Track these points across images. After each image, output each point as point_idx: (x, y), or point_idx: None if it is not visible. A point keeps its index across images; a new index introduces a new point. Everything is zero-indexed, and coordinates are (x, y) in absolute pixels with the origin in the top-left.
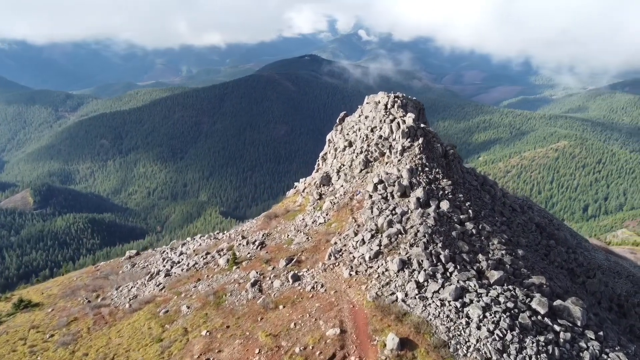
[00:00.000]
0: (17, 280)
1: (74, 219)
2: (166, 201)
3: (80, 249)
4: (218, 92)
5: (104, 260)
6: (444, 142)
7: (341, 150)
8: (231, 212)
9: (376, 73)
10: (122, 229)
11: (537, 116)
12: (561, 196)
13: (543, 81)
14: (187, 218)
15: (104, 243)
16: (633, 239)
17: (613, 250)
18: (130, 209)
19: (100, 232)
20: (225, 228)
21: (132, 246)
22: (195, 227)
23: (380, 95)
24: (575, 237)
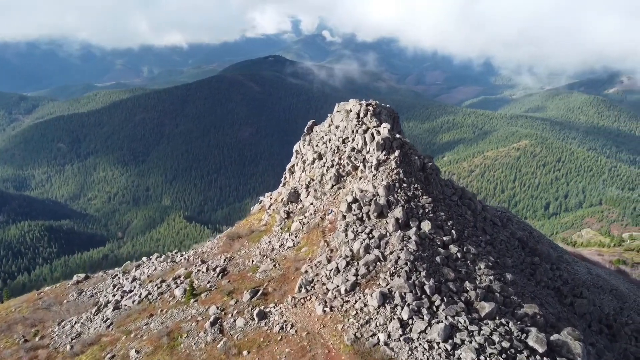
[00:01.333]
0: None
1: (29, 226)
2: (128, 206)
3: (36, 259)
4: (180, 93)
5: (61, 269)
6: (421, 154)
7: (310, 163)
8: (196, 216)
9: (341, 74)
10: (81, 237)
11: (499, 116)
12: (523, 194)
13: (503, 81)
14: (149, 223)
15: (62, 251)
16: (598, 239)
17: (583, 254)
18: (90, 215)
19: (58, 240)
20: (190, 234)
21: (92, 254)
22: (158, 232)
23: (352, 103)
24: (555, 249)
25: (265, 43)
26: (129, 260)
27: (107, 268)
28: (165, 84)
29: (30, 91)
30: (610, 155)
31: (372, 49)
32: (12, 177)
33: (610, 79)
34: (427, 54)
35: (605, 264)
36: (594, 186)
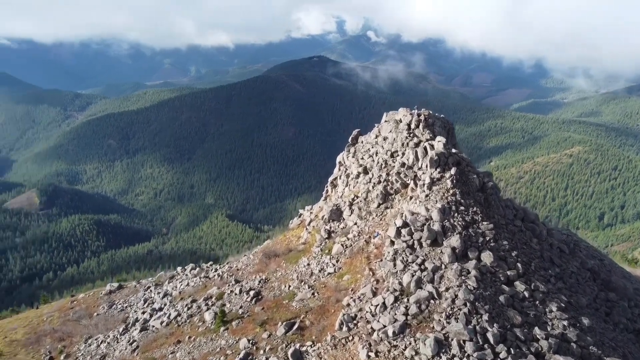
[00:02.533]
0: (21, 283)
1: (79, 220)
2: (172, 203)
3: (85, 251)
4: (225, 93)
5: (108, 263)
6: (479, 172)
7: (354, 177)
8: (238, 215)
9: (386, 75)
10: (127, 231)
11: (550, 120)
12: (576, 203)
13: (554, 84)
14: (193, 221)
15: (109, 245)
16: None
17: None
18: (136, 210)
19: (106, 234)
20: (231, 232)
21: (137, 249)
22: (201, 230)
23: (402, 112)
24: (629, 279)
25: (310, 43)
26: (163, 271)
27: (151, 264)
28: (211, 83)
29: (83, 89)
30: None
31: (417, 50)
32: (66, 171)
33: None
34: (475, 55)
35: None
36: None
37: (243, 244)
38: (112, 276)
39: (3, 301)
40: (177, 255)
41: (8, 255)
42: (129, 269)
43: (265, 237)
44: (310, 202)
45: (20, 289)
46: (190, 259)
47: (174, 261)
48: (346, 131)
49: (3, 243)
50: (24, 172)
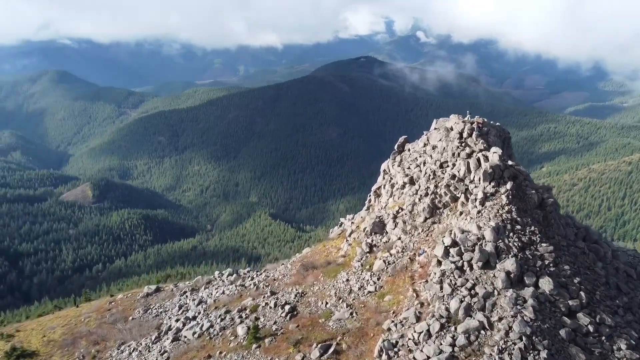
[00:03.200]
0: (72, 273)
1: (128, 214)
2: (218, 199)
3: (133, 245)
4: (272, 92)
5: (154, 257)
6: (538, 187)
7: (399, 188)
8: (280, 214)
9: (434, 76)
10: (173, 227)
11: (608, 125)
12: (634, 214)
13: (613, 87)
14: (237, 218)
15: (156, 240)
16: None
17: None
18: (182, 206)
19: (153, 228)
20: (274, 231)
21: (182, 244)
22: (244, 227)
23: (453, 119)
24: None
25: (358, 44)
26: (201, 275)
27: (195, 260)
28: (259, 83)
29: (137, 87)
30: None
31: (468, 51)
32: (118, 166)
33: None
34: (529, 57)
35: None
36: None
37: (285, 243)
38: (157, 270)
39: (55, 290)
40: (220, 252)
41: (62, 246)
42: (173, 264)
43: (307, 237)
44: (353, 203)
45: (71, 279)
46: (232, 256)
47: (217, 258)
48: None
49: (58, 234)
50: (79, 166)
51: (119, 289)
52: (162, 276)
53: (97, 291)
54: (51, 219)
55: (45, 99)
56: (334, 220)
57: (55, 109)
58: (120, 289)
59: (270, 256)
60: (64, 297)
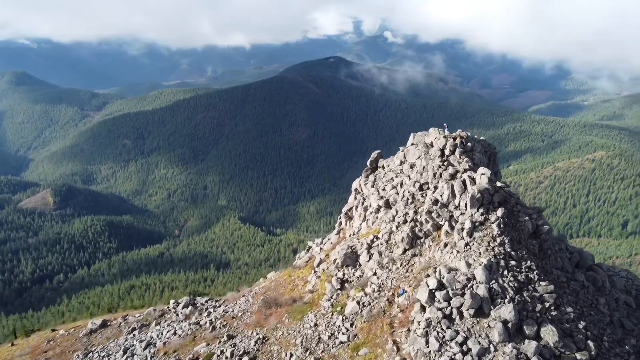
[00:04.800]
0: (31, 285)
1: (91, 221)
2: (185, 204)
3: (96, 253)
4: (241, 93)
5: (119, 265)
6: (531, 211)
7: (374, 212)
8: (250, 217)
9: (402, 76)
10: (139, 233)
11: (571, 124)
12: (598, 210)
13: (574, 86)
14: (205, 223)
15: (121, 247)
16: None
17: None
18: (149, 211)
19: (118, 235)
20: (243, 235)
21: (148, 251)
22: (213, 232)
23: (433, 134)
24: None
25: (327, 44)
26: (152, 307)
27: (162, 267)
28: (227, 83)
29: (101, 88)
30: None
31: (435, 51)
32: (81, 171)
33: None
34: (495, 56)
35: None
36: None
37: (255, 247)
38: (122, 279)
39: (13, 303)
40: (188, 258)
41: (20, 256)
42: (139, 273)
43: (277, 240)
44: (324, 205)
45: (30, 290)
46: (201, 262)
47: (185, 264)
48: (361, 133)
49: (16, 243)
50: (40, 171)
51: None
52: (114, 302)
53: (55, 305)
54: (9, 227)
55: (3, 102)
56: (304, 222)
57: (14, 112)
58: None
59: (239, 261)
60: (22, 311)
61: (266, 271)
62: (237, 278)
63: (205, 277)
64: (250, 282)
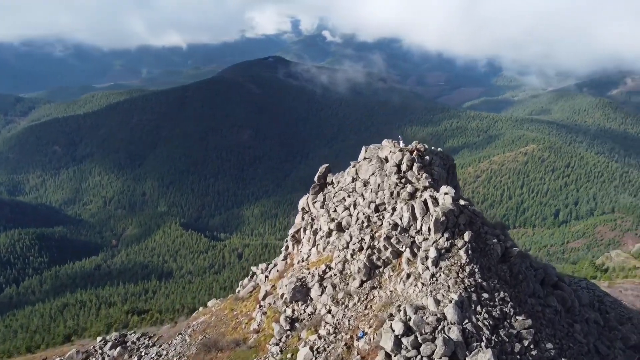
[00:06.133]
0: None
1: (19, 234)
2: (123, 212)
3: (26, 269)
4: (178, 95)
5: (51, 281)
6: (497, 231)
7: (325, 236)
8: (193, 222)
9: (342, 75)
10: (74, 245)
11: (503, 119)
12: (532, 201)
13: (505, 82)
14: (145, 231)
15: (54, 261)
16: (632, 264)
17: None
18: (84, 221)
19: (50, 249)
20: (186, 242)
21: (84, 264)
22: (153, 240)
23: (387, 147)
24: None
25: (265, 43)
26: (76, 348)
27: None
28: (164, 85)
29: (26, 92)
30: (619, 160)
31: (373, 50)
32: (6, 181)
33: (614, 80)
34: (431, 55)
35: None
36: (605, 193)
37: (198, 254)
38: (54, 296)
39: None
40: (127, 269)
41: None
42: (74, 288)
43: (222, 245)
44: (269, 207)
45: None
46: (141, 273)
47: (124, 276)
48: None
49: None
50: None
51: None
52: (45, 324)
53: None
54: None
55: None
56: (249, 225)
57: None
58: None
59: (182, 270)
60: None
61: (211, 279)
62: (180, 288)
63: (146, 288)
64: (194, 291)
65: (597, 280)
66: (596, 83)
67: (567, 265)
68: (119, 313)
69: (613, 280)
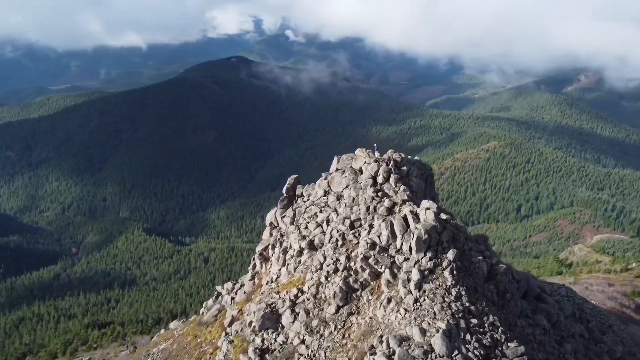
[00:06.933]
0: None
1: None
2: (83, 218)
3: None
4: (139, 96)
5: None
6: (482, 247)
7: (295, 255)
8: (157, 227)
9: (305, 74)
10: (31, 254)
11: (465, 116)
12: (495, 197)
13: (465, 80)
14: (106, 238)
15: (9, 272)
16: (594, 258)
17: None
18: (41, 228)
19: (4, 259)
20: (150, 248)
21: (42, 274)
22: (115, 247)
23: (361, 157)
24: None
25: (228, 43)
26: None
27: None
28: (123, 86)
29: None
30: (576, 155)
31: (337, 49)
32: None
33: (569, 77)
34: (394, 54)
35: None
36: (564, 187)
37: (163, 260)
38: (10, 310)
39: None
40: (88, 278)
41: None
42: (31, 300)
43: (187, 250)
44: (234, 209)
45: None
46: (103, 281)
47: (85, 285)
48: (268, 133)
49: None
50: None
51: None
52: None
53: None
54: None
55: None
56: (214, 228)
57: None
58: None
59: (147, 276)
60: None
61: (176, 285)
62: (144, 296)
63: (108, 297)
64: (159, 298)
65: (563, 276)
66: (553, 80)
67: (531, 260)
68: (78, 327)
69: (578, 275)
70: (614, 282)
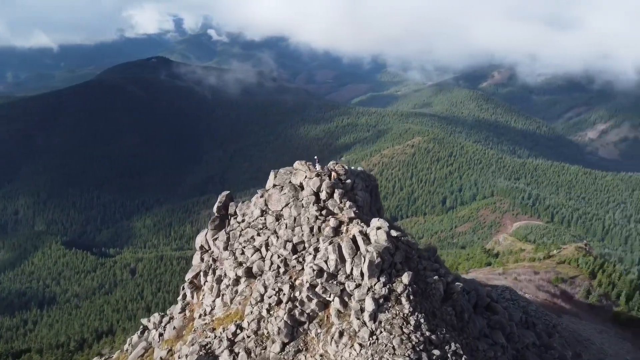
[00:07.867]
0: None
1: None
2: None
3: None
4: (52, 100)
5: None
6: (435, 264)
7: (231, 285)
8: (77, 239)
9: (230, 74)
10: None
11: (390, 113)
12: (421, 191)
13: (388, 78)
14: (20, 254)
15: None
16: (517, 246)
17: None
18: None
19: None
20: (70, 263)
21: None
22: (31, 264)
23: (301, 170)
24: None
25: (147, 43)
26: None
27: None
28: (34, 90)
29: None
30: (494, 147)
31: (262, 48)
32: None
33: (484, 73)
34: (319, 53)
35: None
36: (484, 178)
37: (85, 274)
38: None
39: None
40: (1, 299)
41: None
42: None
43: (112, 262)
44: (161, 216)
45: None
46: (18, 302)
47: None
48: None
49: None
50: None
51: None
52: None
53: None
54: None
55: None
56: (141, 237)
57: None
58: None
59: (68, 293)
60: None
61: (101, 301)
62: (66, 315)
63: (25, 319)
64: (83, 317)
65: (492, 268)
66: (470, 77)
67: (459, 251)
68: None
69: (506, 265)
70: (538, 270)
